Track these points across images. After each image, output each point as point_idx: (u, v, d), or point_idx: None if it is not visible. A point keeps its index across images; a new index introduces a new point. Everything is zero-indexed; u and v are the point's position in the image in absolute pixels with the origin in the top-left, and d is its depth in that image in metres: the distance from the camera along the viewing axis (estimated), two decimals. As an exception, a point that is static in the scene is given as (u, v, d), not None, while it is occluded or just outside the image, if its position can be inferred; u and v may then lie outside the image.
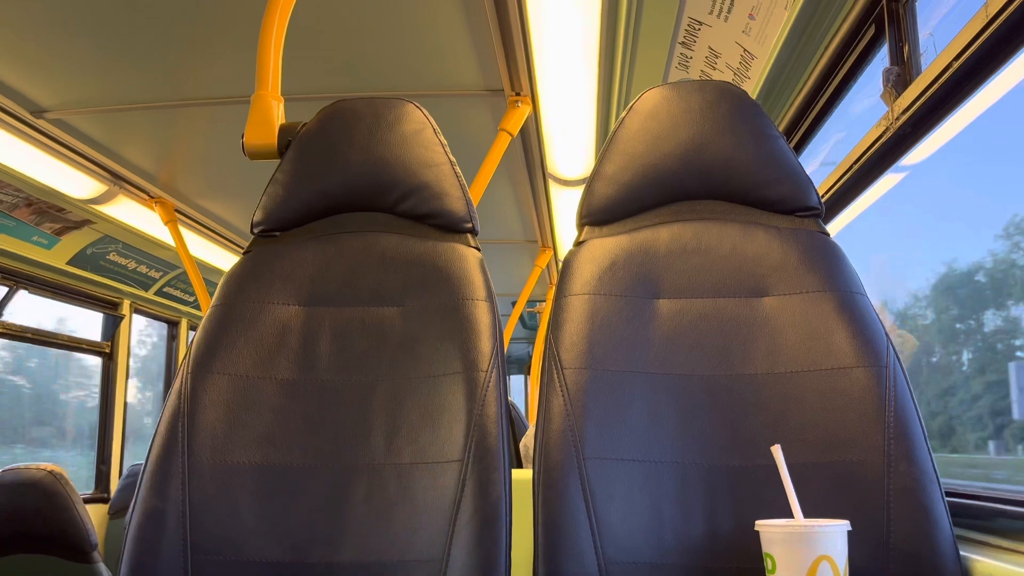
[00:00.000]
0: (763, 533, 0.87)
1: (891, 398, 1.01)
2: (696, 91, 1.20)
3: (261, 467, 1.05)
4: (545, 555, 0.99)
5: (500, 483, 1.02)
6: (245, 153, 1.30)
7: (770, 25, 1.61)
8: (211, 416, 1.07)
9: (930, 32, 1.39)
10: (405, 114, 1.24)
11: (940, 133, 1.37)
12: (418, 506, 1.01)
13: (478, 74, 2.08)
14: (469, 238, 1.21)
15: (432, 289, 1.14)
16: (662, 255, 1.14)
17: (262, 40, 1.36)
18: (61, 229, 3.04)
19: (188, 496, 1.02)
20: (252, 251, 1.21)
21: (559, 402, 1.05)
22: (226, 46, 1.93)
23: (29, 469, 2.11)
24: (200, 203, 3.11)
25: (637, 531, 0.99)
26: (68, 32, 1.85)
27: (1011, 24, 1.08)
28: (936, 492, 0.97)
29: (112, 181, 2.75)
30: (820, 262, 1.11)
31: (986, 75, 1.19)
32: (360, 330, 1.13)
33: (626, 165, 1.18)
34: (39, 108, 2.23)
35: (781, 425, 1.03)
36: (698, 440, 1.04)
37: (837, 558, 0.83)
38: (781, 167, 1.17)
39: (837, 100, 1.80)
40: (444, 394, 1.07)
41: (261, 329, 1.12)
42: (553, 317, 1.12)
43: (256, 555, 1.00)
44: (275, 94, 1.34)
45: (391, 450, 1.05)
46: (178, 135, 2.48)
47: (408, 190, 1.20)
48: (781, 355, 1.07)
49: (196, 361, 1.10)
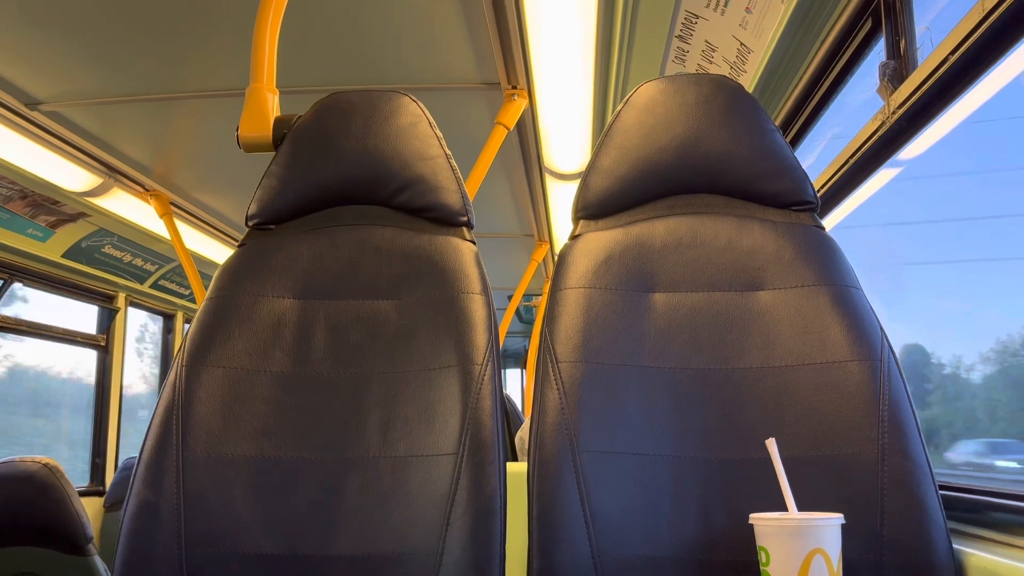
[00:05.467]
0: (757, 526, 0.87)
1: (885, 392, 1.01)
2: (692, 85, 1.20)
3: (256, 459, 1.05)
4: (539, 548, 0.99)
5: (495, 476, 1.02)
6: (240, 146, 1.30)
7: (767, 18, 1.61)
8: (206, 409, 1.06)
9: (927, 26, 1.39)
10: (401, 107, 1.23)
11: (936, 128, 1.37)
12: (413, 499, 1.01)
13: (474, 67, 2.08)
14: (465, 232, 1.21)
15: (427, 283, 1.14)
16: (658, 249, 1.14)
17: (257, 32, 1.36)
18: (56, 222, 3.04)
19: (183, 489, 1.02)
20: (247, 244, 1.21)
21: (554, 395, 1.05)
22: (221, 38, 1.93)
23: (24, 462, 2.11)
24: (195, 196, 3.11)
25: (631, 524, 1.00)
26: (63, 24, 1.84)
27: (1007, 18, 1.08)
28: (930, 485, 0.97)
29: (107, 174, 2.75)
30: (815, 256, 1.11)
31: (983, 69, 1.19)
32: (355, 323, 1.13)
33: (622, 159, 1.18)
34: (34, 100, 2.22)
35: (776, 418, 1.03)
36: (693, 433, 1.04)
37: (831, 551, 0.84)
38: (777, 161, 1.16)
39: (833, 94, 1.79)
40: (439, 387, 1.07)
41: (256, 322, 1.12)
42: (548, 310, 1.12)
43: (251, 547, 1.00)
44: (270, 86, 1.33)
45: (386, 443, 1.05)
46: (173, 128, 2.47)
47: (404, 183, 1.20)
48: (776, 349, 1.07)
49: (191, 354, 1.10)
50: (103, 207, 3.00)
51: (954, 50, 1.18)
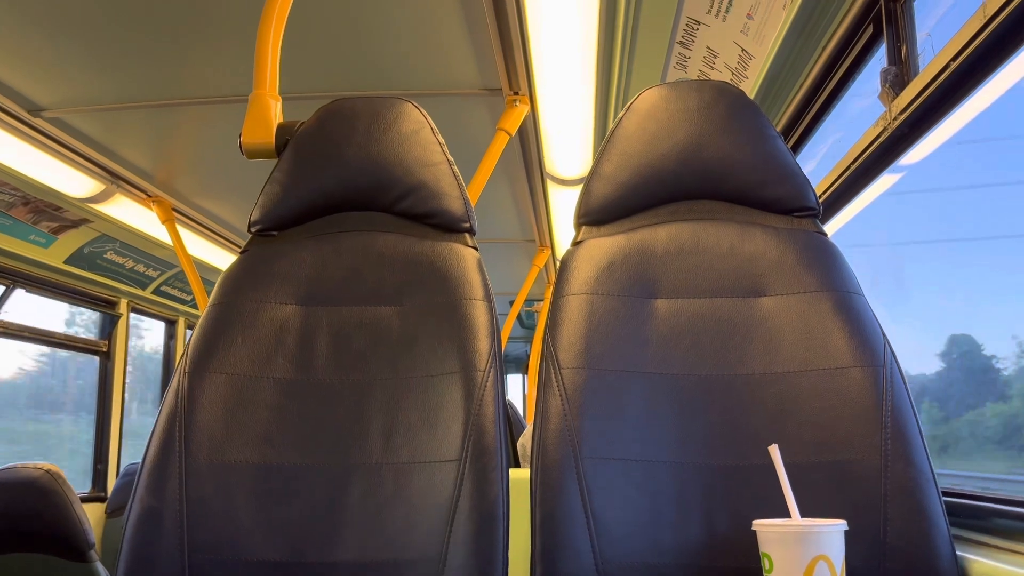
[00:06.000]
0: (760, 533, 0.87)
1: (888, 398, 1.01)
2: (694, 91, 1.20)
3: (258, 466, 1.05)
4: (542, 554, 0.99)
5: (497, 482, 1.02)
6: (243, 152, 1.30)
7: (768, 25, 1.61)
8: (208, 415, 1.06)
9: (928, 32, 1.39)
10: (403, 113, 1.24)
11: (937, 134, 1.37)
12: (415, 505, 1.01)
13: (476, 73, 2.08)
14: (467, 237, 1.21)
15: (430, 288, 1.14)
16: (660, 255, 1.14)
17: (260, 39, 1.36)
18: (58, 228, 3.04)
19: (185, 495, 1.02)
20: (250, 250, 1.21)
21: (556, 402, 1.05)
22: (224, 45, 1.93)
23: (26, 468, 2.11)
24: (198, 202, 3.11)
25: (634, 530, 0.99)
26: (65, 30, 1.85)
27: (1009, 24, 1.08)
28: (933, 491, 0.97)
29: (109, 180, 2.75)
30: (817, 262, 1.11)
31: (984, 75, 1.19)
32: (358, 329, 1.13)
33: (624, 165, 1.18)
34: (36, 107, 2.23)
35: (778, 425, 1.03)
36: (695, 440, 1.04)
37: (834, 558, 0.84)
38: (779, 167, 1.17)
39: (835, 100, 1.80)
40: (442, 393, 1.07)
41: (259, 328, 1.12)
42: (551, 317, 1.12)
43: (254, 554, 1.00)
44: (273, 93, 1.34)
45: (389, 449, 1.05)
46: (176, 134, 2.47)
47: (406, 189, 1.20)
48: (778, 355, 1.07)
49: (193, 360, 1.10)
50: (105, 213, 3.00)
51: (955, 56, 1.18)
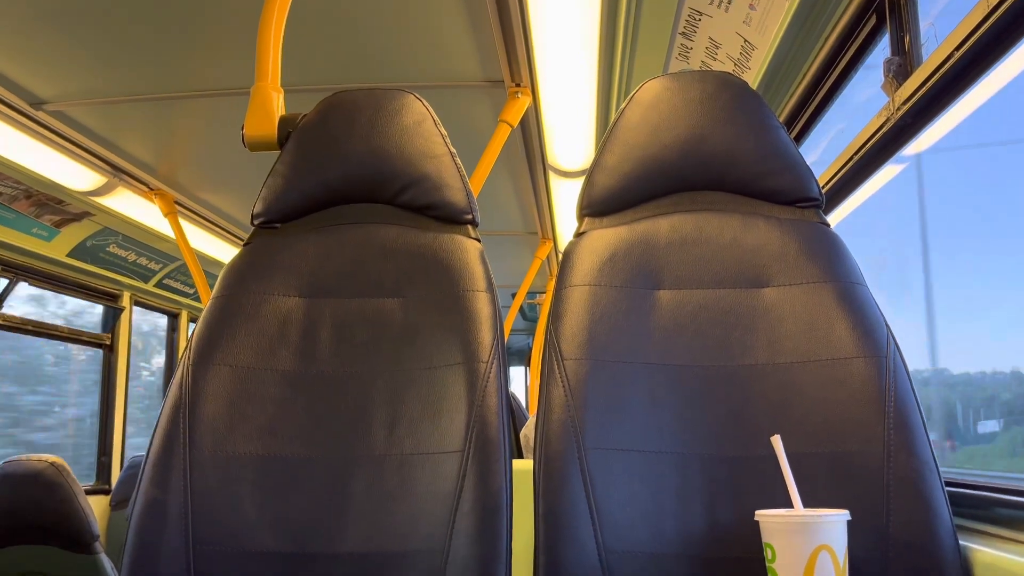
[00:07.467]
0: (763, 523, 0.87)
1: (891, 388, 1.01)
2: (696, 82, 1.20)
3: (262, 458, 1.05)
4: (546, 545, 0.99)
5: (501, 473, 1.02)
6: (245, 145, 1.30)
7: (771, 15, 1.61)
8: (212, 407, 1.07)
9: (931, 22, 1.39)
10: (405, 105, 1.23)
11: (941, 124, 1.37)
12: (419, 496, 1.02)
13: (478, 65, 2.08)
14: (469, 229, 1.21)
15: (433, 280, 1.14)
16: (662, 246, 1.14)
17: (262, 31, 1.36)
18: (61, 221, 3.04)
19: (190, 487, 1.03)
20: (252, 243, 1.21)
21: (559, 393, 1.05)
22: (226, 37, 1.93)
23: (31, 460, 2.12)
24: (200, 195, 3.11)
25: (637, 520, 1.00)
26: (67, 23, 1.84)
27: (1012, 14, 1.07)
28: (936, 482, 0.97)
29: (112, 173, 2.75)
30: (820, 253, 1.11)
31: (987, 65, 1.19)
32: (361, 321, 1.13)
33: (626, 156, 1.18)
34: (38, 100, 2.23)
35: (781, 415, 1.03)
36: (698, 430, 1.04)
37: (837, 548, 0.84)
38: (782, 158, 1.16)
39: (838, 90, 1.79)
40: (445, 385, 1.07)
41: (262, 320, 1.13)
42: (553, 308, 1.12)
43: (258, 546, 1.01)
44: (275, 85, 1.34)
45: (392, 441, 1.05)
46: (178, 127, 2.47)
47: (408, 181, 1.20)
48: (781, 345, 1.07)
49: (197, 353, 1.10)
50: (108, 206, 3.00)
51: (959, 46, 1.18)
